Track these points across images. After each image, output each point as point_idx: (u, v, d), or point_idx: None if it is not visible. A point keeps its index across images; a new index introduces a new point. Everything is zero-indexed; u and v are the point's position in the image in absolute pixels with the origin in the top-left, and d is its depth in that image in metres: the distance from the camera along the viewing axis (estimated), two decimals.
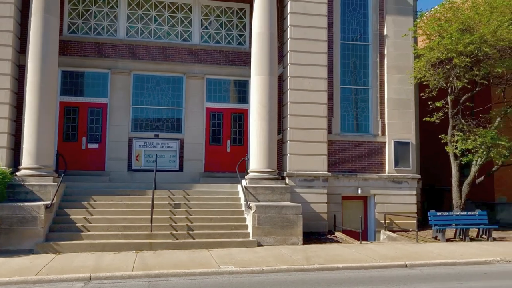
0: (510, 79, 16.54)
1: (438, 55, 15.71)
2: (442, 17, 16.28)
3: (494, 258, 11.56)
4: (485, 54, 15.35)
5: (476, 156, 16.11)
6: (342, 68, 17.33)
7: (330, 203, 16.05)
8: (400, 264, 10.92)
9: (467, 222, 15.13)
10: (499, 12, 15.34)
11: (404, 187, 16.80)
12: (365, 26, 17.65)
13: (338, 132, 16.93)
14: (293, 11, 16.17)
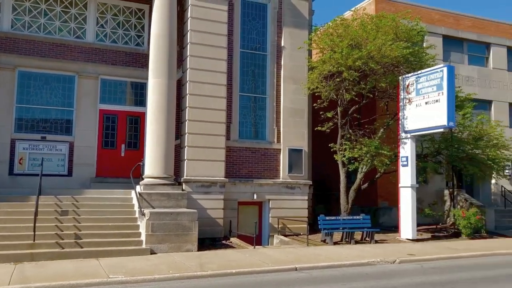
0: (393, 94, 18.01)
1: (329, 68, 16.64)
2: (334, 32, 17.30)
3: (375, 259, 12.48)
4: (371, 69, 16.54)
5: (362, 164, 17.31)
6: (242, 76, 17.60)
7: (226, 208, 16.17)
8: (290, 267, 11.31)
9: (353, 225, 16.16)
10: (384, 32, 16.65)
11: (297, 193, 17.50)
12: (264, 37, 18.13)
13: (237, 138, 17.14)
14: (193, 16, 16.10)
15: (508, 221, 21.36)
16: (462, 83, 22.74)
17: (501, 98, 25.12)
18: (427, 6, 23.63)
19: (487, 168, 18.91)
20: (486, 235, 17.98)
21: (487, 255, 14.10)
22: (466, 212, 17.53)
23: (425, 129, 16.18)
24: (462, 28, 24.38)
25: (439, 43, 23.13)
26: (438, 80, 15.66)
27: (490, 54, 25.26)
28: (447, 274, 11.06)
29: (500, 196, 23.58)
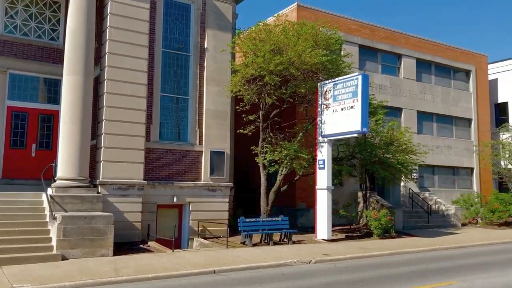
0: (312, 99, 18.61)
1: (252, 72, 16.85)
2: (257, 37, 17.55)
3: (292, 260, 12.81)
4: (292, 75, 17.00)
5: (282, 167, 17.72)
6: (163, 76, 17.29)
7: (145, 212, 15.77)
8: (209, 270, 11.28)
9: (272, 227, 16.47)
10: (304, 39, 17.17)
11: (218, 195, 17.51)
12: (187, 37, 17.96)
13: (157, 140, 16.80)
14: (113, 12, 15.56)
15: (414, 221, 22.92)
16: (375, 91, 24.07)
17: (410, 106, 26.92)
18: (346, 16, 24.76)
19: (397, 171, 20.10)
20: (395, 235, 19.13)
21: (395, 254, 14.99)
22: (377, 213, 18.53)
23: (341, 134, 16.90)
24: (377, 39, 25.82)
25: (356, 52, 24.30)
26: (353, 87, 16.42)
27: (401, 64, 26.98)
28: (358, 273, 11.62)
29: (408, 198, 25.27)
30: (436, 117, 28.38)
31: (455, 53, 29.61)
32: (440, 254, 15.04)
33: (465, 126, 29.89)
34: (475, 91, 30.18)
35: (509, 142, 28.05)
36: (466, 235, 20.16)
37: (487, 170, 29.20)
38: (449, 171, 28.64)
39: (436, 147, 27.62)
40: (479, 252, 15.35)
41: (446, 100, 28.72)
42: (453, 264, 12.78)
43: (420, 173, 26.10)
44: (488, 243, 17.64)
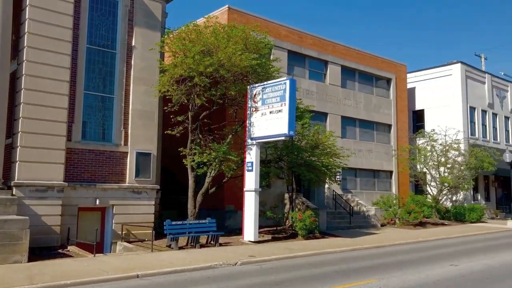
0: (241, 102, 18.73)
1: (181, 72, 16.64)
2: (187, 37, 17.37)
3: (218, 262, 12.77)
4: (222, 77, 17.00)
5: (210, 169, 17.65)
6: (88, 73, 16.60)
7: (65, 215, 15.01)
8: (132, 275, 10.94)
9: (198, 229, 16.34)
10: (234, 41, 17.24)
11: (144, 198, 17.08)
12: (114, 34, 17.37)
13: (79, 139, 16.07)
14: (32, 4, 14.69)
15: (337, 222, 23.78)
16: (303, 95, 24.70)
17: (335, 111, 27.94)
18: (276, 22, 25.20)
19: (321, 174, 20.75)
20: (319, 235, 19.72)
21: (319, 254, 15.44)
22: (303, 214, 19.01)
23: (269, 137, 17.16)
24: (305, 45, 26.53)
25: (285, 57, 24.82)
26: (281, 91, 16.75)
27: (327, 71, 27.94)
28: (283, 273, 11.83)
29: (332, 200, 26.19)
30: (359, 122, 29.69)
31: (377, 62, 31.18)
32: (361, 253, 15.71)
33: (385, 131, 31.54)
34: (395, 98, 31.95)
35: (424, 147, 29.97)
36: (385, 235, 21.24)
37: (404, 173, 31.02)
38: (370, 174, 30.07)
39: (358, 151, 28.88)
40: (396, 251, 16.23)
41: (368, 106, 30.14)
42: (372, 263, 13.39)
43: (343, 176, 27.14)
44: (404, 242, 18.71)
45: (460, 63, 35.26)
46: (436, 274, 11.35)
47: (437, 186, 29.31)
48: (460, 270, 11.99)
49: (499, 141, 38.27)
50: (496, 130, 38.42)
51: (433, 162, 29.45)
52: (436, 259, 14.05)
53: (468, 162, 28.98)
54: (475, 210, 29.48)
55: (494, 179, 37.65)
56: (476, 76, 36.78)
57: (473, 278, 10.85)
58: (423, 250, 16.40)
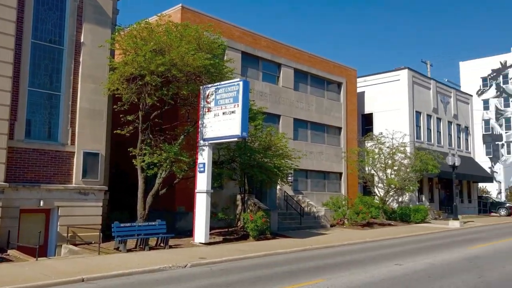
0: (194, 102, 18.55)
1: (132, 70, 16.27)
2: (138, 35, 17.00)
3: (167, 264, 12.56)
4: (174, 76, 16.76)
5: (161, 170, 17.36)
6: (33, 69, 15.94)
7: (5, 217, 14.32)
8: (77, 279, 10.57)
9: (148, 232, 16.03)
10: (187, 41, 17.05)
11: (91, 199, 16.56)
12: (62, 29, 16.76)
13: (22, 138, 15.37)
14: None
15: (288, 222, 24.05)
16: (256, 97, 24.82)
17: (288, 114, 28.27)
18: (230, 23, 25.18)
19: (273, 175, 20.92)
20: (270, 236, 19.86)
21: (270, 255, 15.53)
22: (254, 215, 19.09)
23: (222, 138, 17.09)
24: (259, 47, 26.67)
25: (238, 58, 24.84)
26: (234, 92, 16.73)
27: (280, 73, 28.22)
28: (234, 275, 11.81)
29: (284, 201, 26.46)
30: (310, 125, 30.19)
31: (328, 66, 31.83)
32: (311, 254, 15.95)
33: (335, 134, 32.25)
34: (345, 102, 32.73)
35: (372, 150, 30.87)
36: (334, 235, 21.68)
37: (353, 175, 31.84)
38: (321, 175, 30.65)
39: (310, 153, 29.35)
40: (344, 251, 16.60)
41: (320, 109, 30.70)
42: (321, 263, 13.62)
43: (295, 177, 27.50)
44: (352, 242, 19.17)
45: (407, 69, 36.63)
46: (381, 274, 11.70)
47: (384, 188, 30.27)
48: (405, 269, 12.41)
49: (443, 145, 40.07)
50: (440, 134, 40.19)
51: (380, 164, 30.39)
52: (382, 258, 14.49)
53: (414, 165, 30.09)
54: (420, 211, 30.67)
55: (438, 181, 39.36)
56: (422, 82, 38.34)
57: (416, 277, 11.26)
58: (370, 250, 16.87)
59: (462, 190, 43.51)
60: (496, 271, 12.15)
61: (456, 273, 11.81)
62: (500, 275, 11.61)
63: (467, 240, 20.22)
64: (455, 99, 42.79)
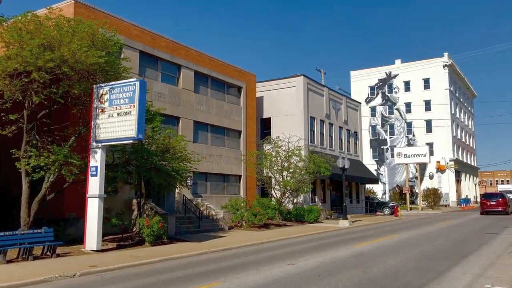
0: (87, 102, 17.59)
1: (16, 66, 15.00)
2: (24, 27, 15.74)
3: (53, 275, 11.73)
4: (65, 74, 15.74)
5: (49, 173, 16.21)
6: None
7: None
8: None
9: (33, 240, 14.82)
10: (80, 37, 16.12)
11: None
12: None
13: None
14: None
15: (187, 226, 23.80)
16: (154, 98, 24.28)
17: (187, 116, 28.03)
18: (127, 20, 24.33)
19: (172, 178, 20.57)
20: (167, 241, 19.48)
21: (166, 260, 15.22)
22: (150, 220, 18.59)
23: (116, 140, 16.41)
24: (158, 47, 26.11)
25: (136, 57, 24.11)
26: (131, 93, 16.17)
27: (180, 75, 27.90)
28: (126, 283, 11.37)
29: (182, 204, 26.15)
30: (210, 128, 30.26)
31: (229, 70, 32.19)
32: (208, 257, 15.93)
33: (235, 137, 32.69)
34: (245, 106, 33.33)
35: (270, 153, 31.79)
36: (232, 237, 21.90)
37: (252, 177, 32.50)
38: (220, 178, 30.84)
39: (210, 156, 29.40)
40: (241, 253, 16.84)
41: (220, 112, 30.90)
42: (217, 266, 13.66)
43: (194, 180, 27.34)
44: (249, 244, 19.51)
45: (303, 76, 38.32)
46: (275, 274, 12.05)
47: (281, 189, 31.30)
48: (297, 268, 12.91)
49: (334, 149, 42.51)
50: (332, 138, 42.59)
51: (277, 167, 31.38)
52: (277, 259, 14.93)
53: (308, 167, 31.51)
54: (313, 211, 32.19)
55: (330, 183, 41.66)
56: (316, 89, 40.36)
57: (307, 275, 11.76)
58: (265, 251, 17.31)
59: (351, 191, 46.52)
60: (379, 266, 13.11)
61: (343, 270, 12.55)
62: (383, 269, 12.54)
63: (355, 238, 21.62)
64: (345, 106, 45.66)
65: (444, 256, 14.98)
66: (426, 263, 13.64)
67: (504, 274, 11.76)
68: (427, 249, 17.04)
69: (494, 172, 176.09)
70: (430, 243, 19.08)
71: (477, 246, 17.80)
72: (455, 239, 20.73)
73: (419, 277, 11.33)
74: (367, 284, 10.61)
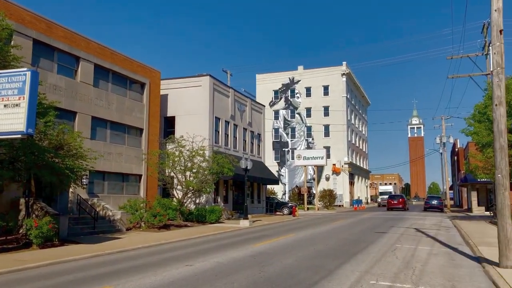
0: None
1: None
2: None
3: None
4: None
5: None
6: None
7: None
8: None
9: None
10: None
11: None
12: None
13: None
14: None
15: (81, 228, 22.56)
16: (49, 91, 22.74)
17: (85, 111, 26.60)
18: (19, 5, 22.47)
19: (65, 177, 19.34)
20: (58, 243, 18.30)
21: (56, 263, 14.27)
22: (39, 221, 17.33)
23: (2, 134, 15.01)
24: (54, 37, 24.46)
25: (29, 46, 22.38)
26: (20, 83, 14.90)
27: (79, 67, 26.40)
28: None
29: (77, 204, 24.74)
30: (110, 124, 29.02)
31: (132, 65, 31.13)
32: (102, 259, 15.22)
33: (137, 135, 31.69)
34: (148, 103, 32.46)
35: (173, 152, 31.28)
36: (129, 239, 21.16)
37: (153, 177, 31.72)
38: (119, 178, 29.69)
39: (108, 154, 28.18)
40: (138, 255, 16.32)
41: (121, 108, 29.75)
42: (111, 269, 13.09)
43: (91, 179, 26.05)
44: (147, 245, 19.00)
45: (209, 76, 38.31)
46: (172, 275, 11.84)
47: (183, 190, 30.94)
48: (194, 269, 12.82)
49: (238, 149, 43.07)
50: (236, 139, 43.11)
51: (180, 167, 30.97)
52: (175, 260, 14.71)
53: (211, 168, 31.53)
54: (215, 212, 32.27)
55: (232, 183, 42.09)
56: (222, 89, 40.57)
57: (204, 276, 11.73)
58: (164, 252, 16.97)
59: (253, 191, 47.47)
60: (275, 265, 13.48)
61: (241, 269, 12.71)
62: (278, 268, 12.91)
63: (254, 238, 22.05)
64: (250, 108, 46.50)
65: (336, 255, 15.83)
66: (320, 261, 14.30)
67: (388, 270, 12.72)
68: (321, 248, 17.89)
69: (384, 175, 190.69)
70: (324, 242, 20.07)
71: (365, 245, 19.06)
72: (347, 238, 22.04)
73: (312, 275, 11.84)
74: (262, 283, 10.84)
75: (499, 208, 13.03)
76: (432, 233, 24.53)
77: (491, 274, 11.89)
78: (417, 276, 11.87)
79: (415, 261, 14.50)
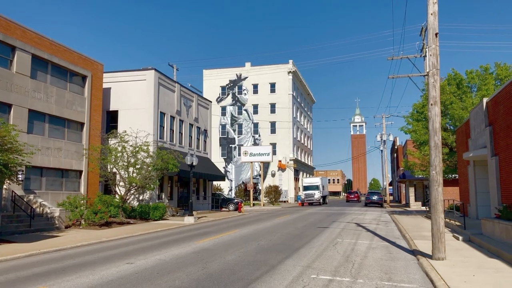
0: None
1: None
2: None
3: None
4: None
5: None
6: None
7: None
8: None
9: None
10: None
11: None
12: None
13: None
14: None
15: (15, 226, 21.49)
16: None
17: (22, 104, 25.30)
18: None
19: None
20: None
21: None
22: None
23: None
24: None
25: None
26: None
27: (14, 57, 25.05)
28: None
29: (11, 201, 23.51)
30: (49, 118, 27.78)
31: (73, 57, 29.93)
32: (37, 259, 14.58)
33: (77, 130, 30.53)
34: (89, 96, 31.34)
35: (116, 147, 30.41)
36: (68, 237, 20.41)
37: (95, 173, 30.71)
38: (58, 173, 28.51)
39: (47, 149, 27.00)
40: (76, 254, 15.77)
41: (60, 102, 28.56)
42: (47, 269, 12.57)
43: (27, 175, 24.86)
44: (87, 243, 18.40)
45: (154, 70, 37.56)
46: (111, 274, 11.54)
47: (126, 186, 30.20)
48: (135, 267, 12.55)
49: (184, 145, 42.60)
50: (182, 135, 42.60)
51: (123, 163, 30.19)
52: (115, 258, 14.34)
53: (156, 164, 30.97)
54: (159, 209, 31.76)
55: (178, 180, 41.60)
56: (167, 84, 39.92)
57: (145, 274, 11.51)
58: (104, 250, 16.50)
59: (199, 188, 47.14)
60: (218, 261, 13.46)
61: (183, 266, 12.59)
62: (221, 265, 12.91)
63: (199, 234, 21.92)
64: (196, 104, 46.09)
65: (279, 250, 16.05)
66: (262, 257, 14.44)
67: (329, 264, 13.05)
68: (264, 243, 18.07)
69: (327, 171, 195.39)
70: (267, 237, 20.28)
71: (308, 239, 19.46)
72: (290, 233, 22.40)
73: (254, 271, 11.92)
74: (204, 280, 10.80)
75: (433, 203, 13.73)
76: (371, 228, 25.44)
77: (425, 266, 12.51)
78: (356, 269, 12.27)
79: (355, 255, 14.98)
